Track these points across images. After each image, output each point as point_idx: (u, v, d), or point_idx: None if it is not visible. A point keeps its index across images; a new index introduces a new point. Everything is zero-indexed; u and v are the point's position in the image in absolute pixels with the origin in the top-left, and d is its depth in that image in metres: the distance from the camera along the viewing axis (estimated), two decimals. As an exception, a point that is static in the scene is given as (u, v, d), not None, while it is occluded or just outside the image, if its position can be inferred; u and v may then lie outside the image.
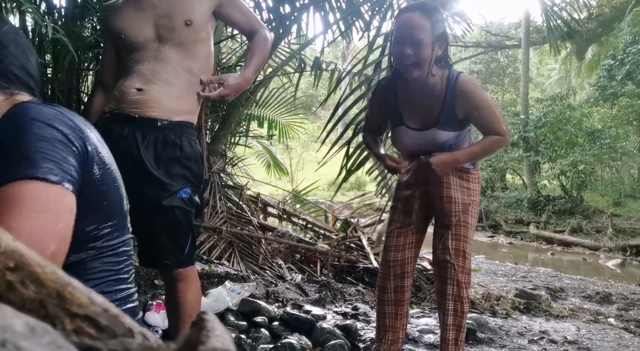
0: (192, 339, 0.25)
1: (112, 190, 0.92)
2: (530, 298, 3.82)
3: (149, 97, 1.59)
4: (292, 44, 4.82)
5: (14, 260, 0.28)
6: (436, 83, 1.80)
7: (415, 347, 2.42)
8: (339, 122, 3.61)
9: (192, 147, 1.64)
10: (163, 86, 1.60)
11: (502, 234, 12.73)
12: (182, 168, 1.60)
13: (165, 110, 1.60)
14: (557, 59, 17.10)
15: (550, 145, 14.29)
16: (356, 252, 4.08)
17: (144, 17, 1.63)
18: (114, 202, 0.93)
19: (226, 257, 3.58)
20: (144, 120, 1.58)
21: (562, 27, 4.38)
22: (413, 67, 1.73)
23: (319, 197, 8.82)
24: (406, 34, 1.72)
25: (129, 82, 1.62)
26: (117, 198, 0.95)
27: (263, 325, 2.34)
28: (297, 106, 5.82)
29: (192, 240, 1.65)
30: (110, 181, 0.92)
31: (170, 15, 1.61)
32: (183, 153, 1.60)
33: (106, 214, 0.91)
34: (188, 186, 1.60)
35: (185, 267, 1.62)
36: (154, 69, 1.60)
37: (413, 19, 1.72)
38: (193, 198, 1.62)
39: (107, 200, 0.91)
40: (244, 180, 5.15)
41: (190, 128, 1.67)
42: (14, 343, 0.20)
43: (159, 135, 1.58)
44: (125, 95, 1.60)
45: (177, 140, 1.60)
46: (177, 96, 1.61)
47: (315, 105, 12.14)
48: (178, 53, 1.62)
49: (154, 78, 1.60)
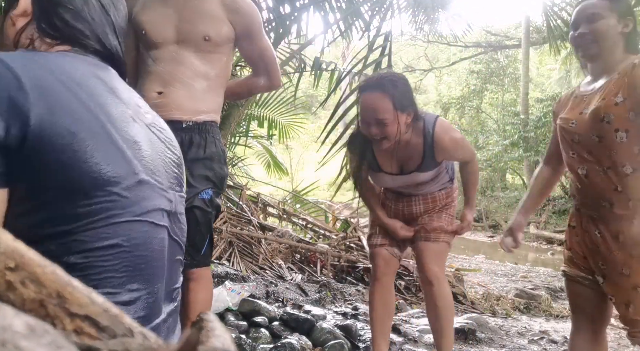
0: (192, 339, 0.25)
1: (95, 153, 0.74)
2: (530, 298, 3.82)
3: (170, 100, 1.58)
4: (292, 44, 4.82)
5: (14, 260, 0.28)
6: (412, 137, 1.84)
7: (415, 347, 2.42)
8: (339, 122, 3.60)
9: (216, 146, 1.63)
10: (182, 88, 1.59)
11: (502, 234, 12.72)
12: (205, 169, 1.59)
13: (188, 111, 1.59)
14: (557, 59, 17.08)
15: (550, 145, 14.29)
16: (356, 251, 4.08)
17: (167, 17, 1.62)
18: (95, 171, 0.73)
19: (226, 256, 3.58)
20: (169, 123, 1.58)
21: (562, 27, 4.38)
22: (384, 141, 1.78)
23: (319, 197, 8.82)
24: (369, 116, 1.75)
25: (148, 85, 1.60)
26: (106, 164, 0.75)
27: (263, 325, 2.34)
28: (297, 106, 5.82)
29: (210, 241, 1.64)
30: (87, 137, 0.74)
31: (192, 24, 1.61)
32: (206, 154, 1.60)
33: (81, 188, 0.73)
34: (210, 187, 1.59)
35: (200, 267, 1.61)
36: (171, 70, 1.59)
37: (374, 101, 1.73)
38: (214, 200, 1.61)
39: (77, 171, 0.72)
40: (244, 180, 5.16)
41: (215, 127, 1.66)
42: (14, 343, 0.20)
43: (185, 136, 1.57)
44: (147, 100, 1.58)
45: (201, 140, 1.59)
46: (196, 97, 1.61)
47: (315, 105, 12.14)
48: (195, 58, 1.61)
49: (172, 80, 1.59)
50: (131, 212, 0.77)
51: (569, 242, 1.65)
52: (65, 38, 0.87)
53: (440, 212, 2.02)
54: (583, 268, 1.58)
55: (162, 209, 0.84)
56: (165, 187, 0.85)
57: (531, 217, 12.36)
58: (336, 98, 3.84)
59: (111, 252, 0.75)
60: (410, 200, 2.04)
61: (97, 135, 0.75)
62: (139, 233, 0.79)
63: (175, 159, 0.94)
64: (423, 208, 2.03)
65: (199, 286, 1.61)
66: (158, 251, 0.83)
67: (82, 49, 0.88)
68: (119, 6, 0.94)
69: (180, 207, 0.91)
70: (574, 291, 1.63)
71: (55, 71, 0.76)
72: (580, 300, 1.61)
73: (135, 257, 0.78)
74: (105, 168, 0.74)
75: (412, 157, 1.87)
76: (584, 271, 1.58)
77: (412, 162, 1.88)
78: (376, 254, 2.01)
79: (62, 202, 0.72)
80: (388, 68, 3.50)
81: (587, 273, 1.57)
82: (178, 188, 0.91)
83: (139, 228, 0.79)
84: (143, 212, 0.79)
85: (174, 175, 0.91)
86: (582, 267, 1.58)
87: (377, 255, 2.01)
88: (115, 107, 0.81)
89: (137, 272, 0.78)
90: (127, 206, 0.77)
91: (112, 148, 0.76)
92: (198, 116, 1.61)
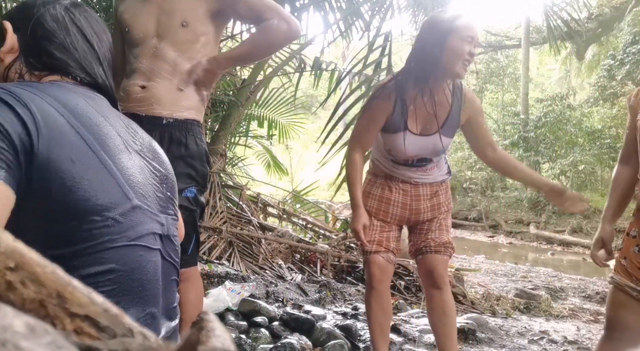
0: (192, 339, 0.25)
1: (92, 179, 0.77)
2: (530, 298, 3.82)
3: (151, 94, 1.58)
4: (292, 44, 4.82)
5: (14, 260, 0.28)
6: (445, 89, 1.84)
7: (415, 347, 2.42)
8: (339, 122, 3.61)
9: (198, 145, 1.63)
10: (162, 83, 1.59)
11: (502, 234, 12.73)
12: (187, 167, 1.58)
13: (168, 106, 1.59)
14: (557, 59, 17.09)
15: (550, 145, 14.30)
16: (356, 251, 4.07)
17: (149, 12, 1.62)
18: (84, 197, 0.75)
19: (226, 257, 3.58)
20: (149, 118, 1.57)
21: (562, 27, 4.38)
22: (463, 70, 1.75)
23: (319, 197, 8.82)
24: (472, 32, 1.75)
25: (132, 80, 1.61)
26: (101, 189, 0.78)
27: (263, 325, 2.34)
28: (297, 106, 5.82)
29: (196, 240, 1.64)
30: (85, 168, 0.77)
31: (170, 13, 1.60)
32: (188, 151, 1.59)
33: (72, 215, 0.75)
34: (193, 185, 1.59)
35: (187, 267, 1.60)
36: (152, 66, 1.60)
37: (474, 23, 1.78)
38: (198, 198, 1.60)
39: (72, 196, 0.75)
40: (244, 180, 5.16)
41: (196, 126, 1.65)
42: (14, 343, 0.20)
43: (164, 132, 1.57)
44: (130, 95, 1.60)
45: (182, 137, 1.59)
46: (178, 93, 1.60)
47: (315, 105, 12.13)
48: (174, 51, 1.60)
49: (152, 75, 1.59)
50: (126, 236, 0.80)
51: (624, 250, 1.56)
52: (52, 69, 0.91)
53: (445, 222, 2.01)
54: (635, 279, 1.52)
55: (154, 233, 0.87)
56: (156, 211, 0.89)
57: (531, 216, 12.22)
58: (336, 98, 3.84)
59: (108, 277, 0.77)
60: (418, 191, 1.97)
61: (93, 164, 0.78)
62: (134, 258, 0.81)
63: (165, 180, 0.96)
64: (429, 205, 1.98)
65: (188, 286, 1.60)
66: (152, 273, 0.85)
67: (69, 78, 0.92)
68: (102, 37, 0.98)
69: (173, 230, 0.94)
70: (618, 301, 1.56)
71: (53, 103, 0.79)
72: (623, 310, 1.55)
73: (131, 280, 0.80)
74: (102, 194, 0.78)
75: (439, 114, 1.83)
76: (634, 282, 1.52)
77: (438, 120, 1.84)
78: (371, 262, 1.95)
79: (60, 226, 0.75)
80: (388, 68, 3.50)
81: (637, 285, 1.51)
82: (170, 211, 0.94)
83: (133, 252, 0.81)
84: (137, 237, 0.82)
85: (166, 197, 0.93)
86: (635, 278, 1.52)
87: (371, 263, 1.95)
88: (108, 136, 0.84)
89: (133, 295, 0.81)
90: (122, 231, 0.79)
91: (107, 175, 0.80)
92: (179, 113, 1.60)
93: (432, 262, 1.94)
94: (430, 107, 1.82)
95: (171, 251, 0.93)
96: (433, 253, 1.95)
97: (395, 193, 1.98)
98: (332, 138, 3.52)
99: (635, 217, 1.53)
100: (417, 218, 2.00)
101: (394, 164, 1.97)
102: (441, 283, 1.94)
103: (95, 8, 2.90)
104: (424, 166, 1.96)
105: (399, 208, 1.98)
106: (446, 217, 2.02)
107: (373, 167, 2.07)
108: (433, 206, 1.99)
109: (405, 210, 1.98)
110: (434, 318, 1.97)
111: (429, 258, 1.95)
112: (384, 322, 1.99)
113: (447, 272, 1.99)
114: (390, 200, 1.98)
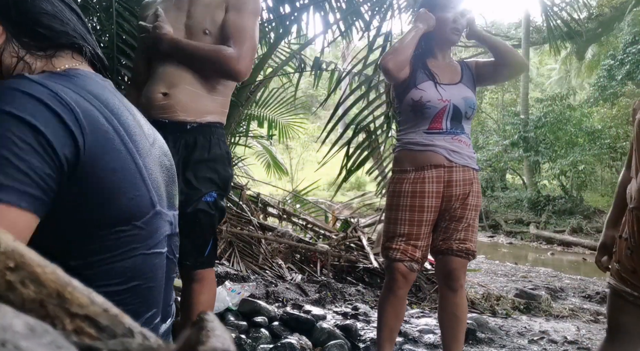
0: (192, 339, 0.25)
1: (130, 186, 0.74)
2: (530, 298, 3.82)
3: (175, 101, 1.58)
4: (292, 44, 4.82)
5: (14, 260, 0.28)
6: (450, 61, 2.09)
7: (415, 347, 2.42)
8: (339, 122, 3.61)
9: (221, 148, 1.63)
10: (186, 88, 1.59)
11: (502, 234, 12.74)
12: (210, 171, 1.59)
13: (193, 112, 1.59)
14: (557, 59, 17.10)
15: (550, 145, 14.31)
16: (356, 251, 4.08)
17: (177, 18, 1.64)
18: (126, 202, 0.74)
19: (226, 256, 3.59)
20: (174, 124, 1.58)
21: (562, 27, 4.37)
22: (457, 37, 2.02)
23: (319, 197, 8.83)
24: (455, 5, 1.99)
25: (154, 86, 1.61)
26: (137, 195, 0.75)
27: (263, 325, 2.34)
28: (297, 106, 5.82)
29: (213, 243, 1.65)
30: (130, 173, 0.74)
31: (194, 19, 1.63)
32: (210, 155, 1.59)
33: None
34: (214, 189, 1.59)
35: (204, 268, 1.62)
36: (176, 71, 1.60)
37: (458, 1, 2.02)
38: (218, 202, 1.61)
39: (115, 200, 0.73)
40: (244, 180, 5.16)
41: (220, 129, 1.65)
42: (14, 343, 0.20)
43: (189, 138, 1.58)
44: (152, 102, 1.60)
45: (205, 142, 1.59)
46: (201, 97, 1.61)
47: (315, 105, 12.14)
48: None
49: (175, 81, 1.59)
50: (146, 245, 0.78)
51: (618, 253, 1.53)
52: (56, 45, 0.82)
53: (473, 223, 1.96)
54: (630, 284, 1.48)
55: (165, 236, 0.84)
56: (167, 210, 0.84)
57: (531, 216, 12.22)
58: (336, 98, 3.84)
59: (124, 287, 0.75)
60: (451, 176, 1.90)
61: (131, 171, 0.75)
62: (150, 266, 0.80)
63: (171, 172, 0.92)
64: (461, 193, 1.91)
65: (202, 287, 1.62)
66: (160, 278, 0.84)
67: (79, 53, 0.84)
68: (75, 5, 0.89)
69: (176, 225, 0.91)
70: (616, 306, 1.53)
71: (94, 101, 0.74)
72: (622, 316, 1.52)
73: (145, 288, 0.79)
74: (134, 203, 0.75)
75: (455, 72, 2.04)
76: (630, 286, 1.48)
77: (456, 75, 2.03)
78: (395, 269, 1.94)
79: (88, 235, 0.72)
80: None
81: (633, 289, 1.47)
82: (175, 204, 0.91)
83: (150, 260, 0.79)
84: (154, 244, 0.80)
85: (172, 191, 0.90)
86: (630, 282, 1.48)
87: (395, 270, 1.94)
88: (139, 137, 0.80)
89: (144, 301, 0.80)
90: (143, 239, 0.77)
91: (141, 183, 0.76)
92: (202, 117, 1.61)
93: (452, 264, 1.93)
94: (443, 61, 2.04)
95: (174, 248, 0.90)
96: (456, 256, 1.92)
97: (429, 183, 1.91)
98: (332, 138, 3.52)
99: (627, 218, 1.50)
100: (449, 206, 1.93)
101: (430, 136, 1.92)
102: (457, 285, 1.93)
103: (95, 8, 2.90)
104: (458, 135, 1.92)
105: (433, 198, 1.92)
106: (475, 217, 1.98)
107: (401, 160, 1.98)
108: (465, 198, 1.93)
109: (439, 199, 1.92)
110: (444, 318, 1.97)
111: (449, 259, 1.93)
112: (394, 327, 1.99)
113: (465, 275, 1.97)
114: (425, 193, 1.91)
